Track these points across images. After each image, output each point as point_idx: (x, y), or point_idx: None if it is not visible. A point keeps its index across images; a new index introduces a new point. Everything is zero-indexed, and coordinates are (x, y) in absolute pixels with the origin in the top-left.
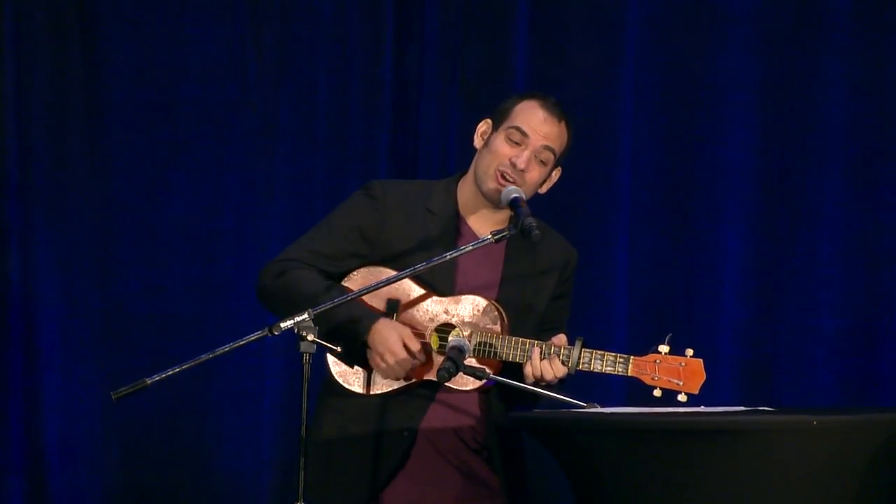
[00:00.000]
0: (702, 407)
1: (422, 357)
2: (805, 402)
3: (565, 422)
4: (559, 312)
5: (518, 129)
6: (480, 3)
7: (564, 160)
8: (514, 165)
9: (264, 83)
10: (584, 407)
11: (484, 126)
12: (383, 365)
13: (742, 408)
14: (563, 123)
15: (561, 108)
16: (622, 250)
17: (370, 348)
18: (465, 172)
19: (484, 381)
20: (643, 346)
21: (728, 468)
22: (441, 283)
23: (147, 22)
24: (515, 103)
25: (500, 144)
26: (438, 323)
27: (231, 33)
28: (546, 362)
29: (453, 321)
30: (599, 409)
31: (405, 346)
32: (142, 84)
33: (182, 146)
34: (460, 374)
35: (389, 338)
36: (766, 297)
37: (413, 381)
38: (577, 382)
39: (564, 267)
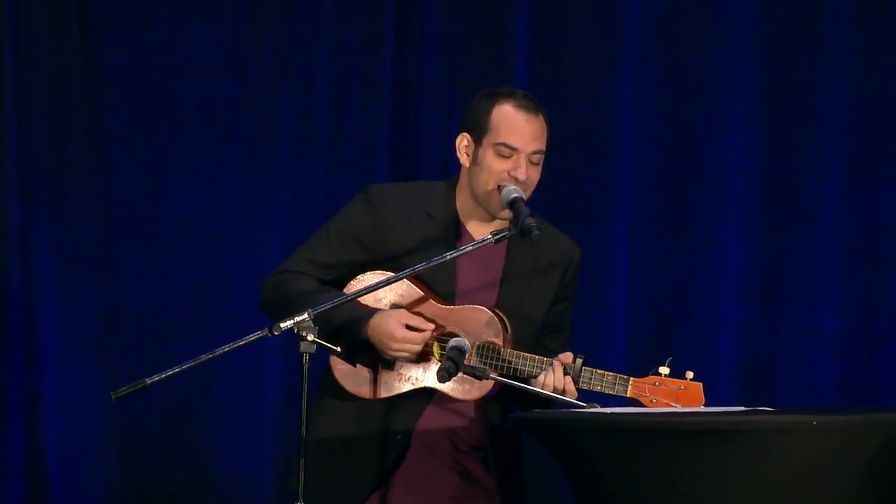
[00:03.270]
0: (701, 407)
1: (428, 327)
2: (805, 402)
3: (565, 422)
4: (560, 316)
5: (505, 145)
6: (480, 3)
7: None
8: (516, 179)
9: (264, 83)
10: (584, 407)
11: (464, 141)
12: (392, 353)
13: (742, 408)
14: (540, 115)
15: (531, 98)
16: (622, 250)
17: (375, 345)
18: (458, 177)
19: (483, 380)
20: (643, 347)
21: (728, 468)
22: (441, 285)
23: (147, 22)
24: (488, 111)
25: (493, 161)
26: (441, 332)
27: (231, 33)
28: (568, 380)
29: (455, 331)
30: (599, 409)
31: (406, 326)
32: (142, 84)
33: (182, 146)
34: (461, 375)
35: (388, 324)
36: (766, 297)
37: (414, 387)
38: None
39: (568, 266)
